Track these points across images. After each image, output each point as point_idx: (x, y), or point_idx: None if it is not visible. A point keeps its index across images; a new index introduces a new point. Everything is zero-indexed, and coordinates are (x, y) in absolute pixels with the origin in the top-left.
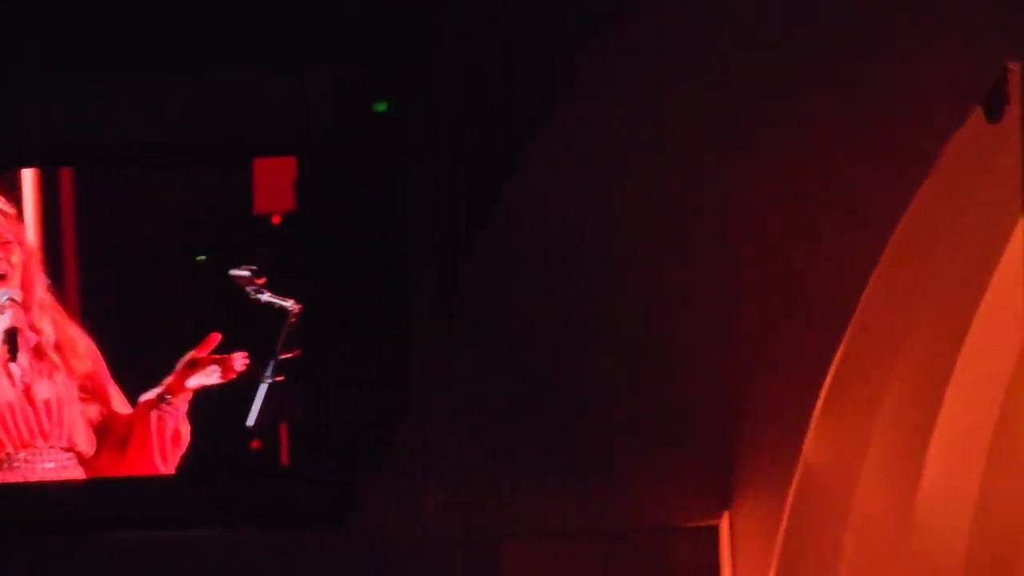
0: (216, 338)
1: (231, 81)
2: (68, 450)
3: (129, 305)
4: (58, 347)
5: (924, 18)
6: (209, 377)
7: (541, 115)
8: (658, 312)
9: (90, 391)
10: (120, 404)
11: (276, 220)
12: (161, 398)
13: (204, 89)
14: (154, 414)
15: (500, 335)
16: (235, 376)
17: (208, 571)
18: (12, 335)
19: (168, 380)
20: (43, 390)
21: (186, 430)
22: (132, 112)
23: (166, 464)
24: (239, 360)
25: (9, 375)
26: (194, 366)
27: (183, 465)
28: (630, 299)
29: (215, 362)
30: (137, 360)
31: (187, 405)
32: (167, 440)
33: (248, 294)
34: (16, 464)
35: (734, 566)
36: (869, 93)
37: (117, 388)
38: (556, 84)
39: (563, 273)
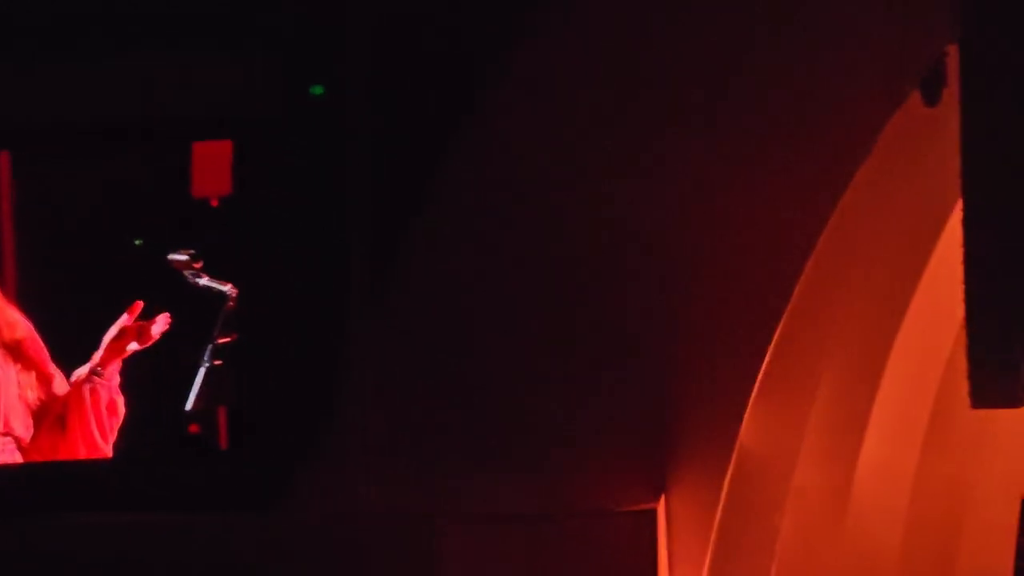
0: (139, 305)
1: (168, 64)
2: (5, 434)
3: (67, 289)
4: None
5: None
6: (138, 343)
7: (480, 99)
8: (593, 297)
9: (29, 374)
10: (60, 386)
11: (214, 203)
12: (93, 371)
13: (141, 72)
14: (87, 387)
15: (436, 318)
16: (158, 339)
17: (146, 554)
18: None
19: (98, 353)
20: None
21: (121, 400)
22: (69, 95)
23: (105, 438)
24: (161, 323)
25: None
26: (122, 336)
27: (121, 449)
28: (566, 285)
29: (142, 328)
30: (76, 343)
31: (119, 376)
32: (103, 412)
33: (186, 278)
34: None
35: (671, 550)
36: (805, 77)
37: (57, 370)
38: (495, 68)
39: (498, 258)
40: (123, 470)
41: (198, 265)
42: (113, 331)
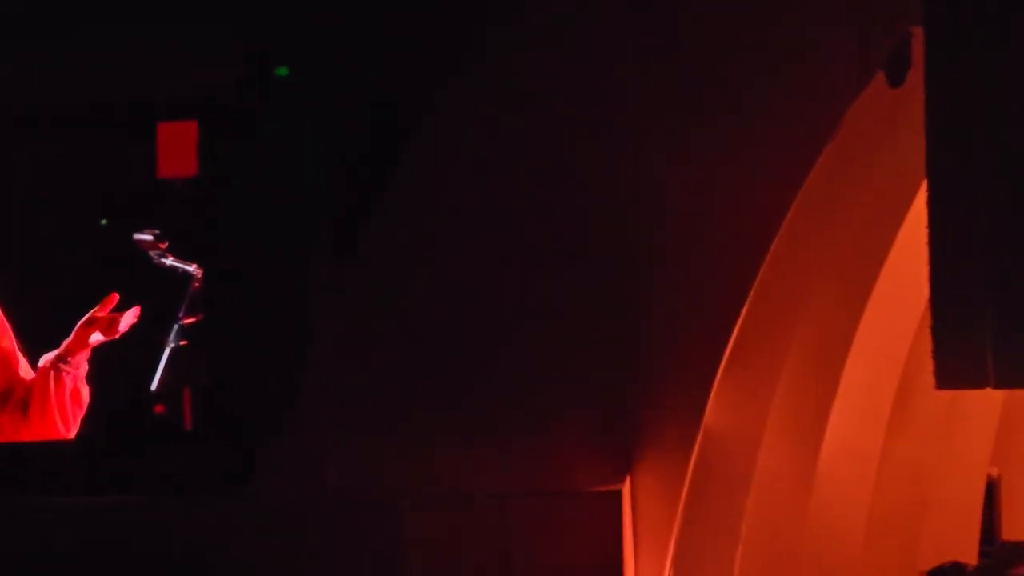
0: (115, 298)
1: (133, 45)
2: None
3: (34, 270)
4: None
5: None
6: (104, 334)
7: (448, 86)
8: (559, 282)
9: None
10: (25, 370)
11: (180, 184)
12: (60, 359)
13: (108, 53)
14: (52, 374)
15: (401, 301)
16: (126, 331)
17: (109, 536)
18: None
19: (67, 341)
20: None
21: (86, 391)
22: (35, 76)
23: (67, 426)
24: (130, 315)
25: None
26: (91, 325)
27: (85, 430)
28: (532, 264)
29: (112, 320)
30: (43, 326)
31: (86, 365)
32: (67, 400)
33: (151, 258)
34: None
35: (636, 530)
36: (770, 59)
37: (23, 355)
38: (467, 56)
39: (465, 242)
40: (86, 451)
41: (163, 245)
42: (83, 320)
